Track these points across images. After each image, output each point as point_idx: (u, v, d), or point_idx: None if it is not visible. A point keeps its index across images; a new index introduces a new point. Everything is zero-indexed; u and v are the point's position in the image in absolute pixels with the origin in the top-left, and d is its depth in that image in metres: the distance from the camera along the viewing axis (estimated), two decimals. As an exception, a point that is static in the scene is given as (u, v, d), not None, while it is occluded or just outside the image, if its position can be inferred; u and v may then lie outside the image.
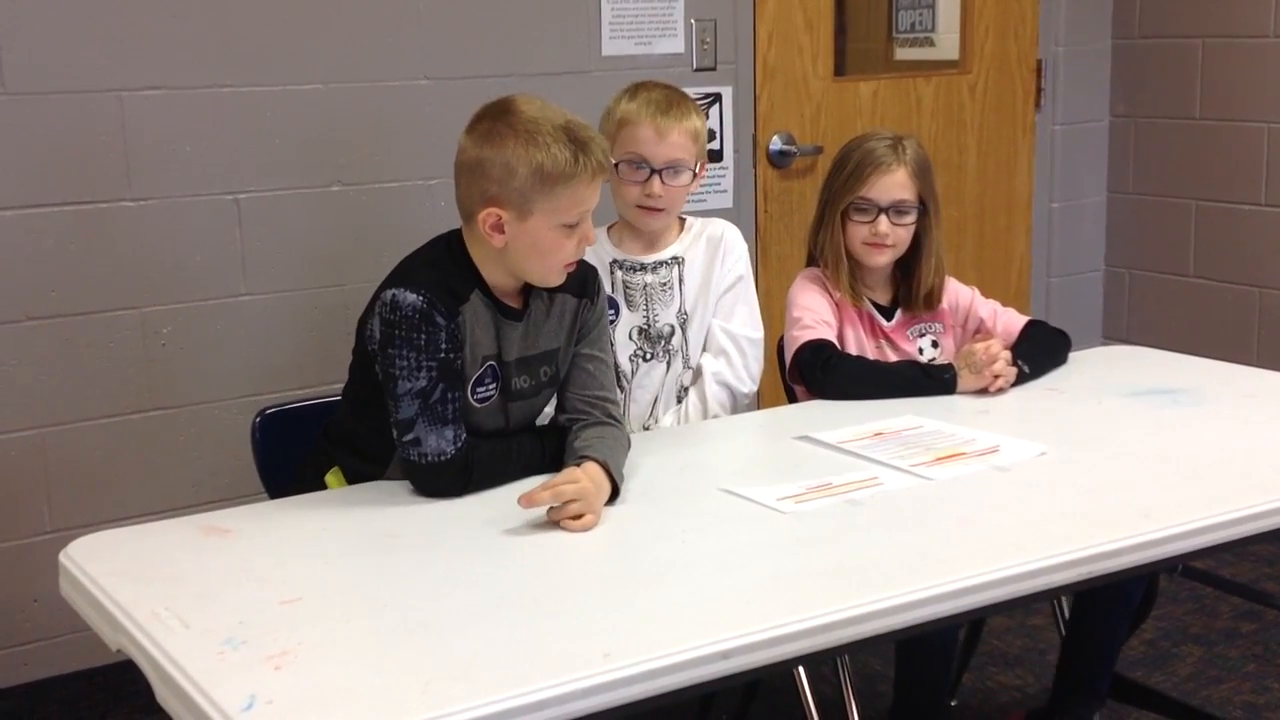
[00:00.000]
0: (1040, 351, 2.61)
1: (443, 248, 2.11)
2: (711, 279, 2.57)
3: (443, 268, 2.06)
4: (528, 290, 2.13)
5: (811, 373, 2.50)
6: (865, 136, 2.67)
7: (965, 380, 2.48)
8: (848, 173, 2.61)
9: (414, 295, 1.98)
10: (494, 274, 2.08)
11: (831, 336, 2.55)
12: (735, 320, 2.59)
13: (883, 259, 2.60)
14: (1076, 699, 2.63)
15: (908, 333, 2.66)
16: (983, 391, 2.46)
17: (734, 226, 2.63)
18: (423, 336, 1.98)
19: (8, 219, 2.79)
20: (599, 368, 2.20)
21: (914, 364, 2.57)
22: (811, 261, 2.69)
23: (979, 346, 2.49)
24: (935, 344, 2.67)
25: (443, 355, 1.99)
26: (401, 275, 2.04)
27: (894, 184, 2.58)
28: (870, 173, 2.58)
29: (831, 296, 2.62)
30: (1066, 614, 2.69)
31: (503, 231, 2.02)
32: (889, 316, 2.65)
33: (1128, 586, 2.52)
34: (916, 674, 2.50)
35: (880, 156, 2.59)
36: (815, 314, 2.58)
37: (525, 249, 2.03)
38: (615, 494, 1.96)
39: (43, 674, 2.95)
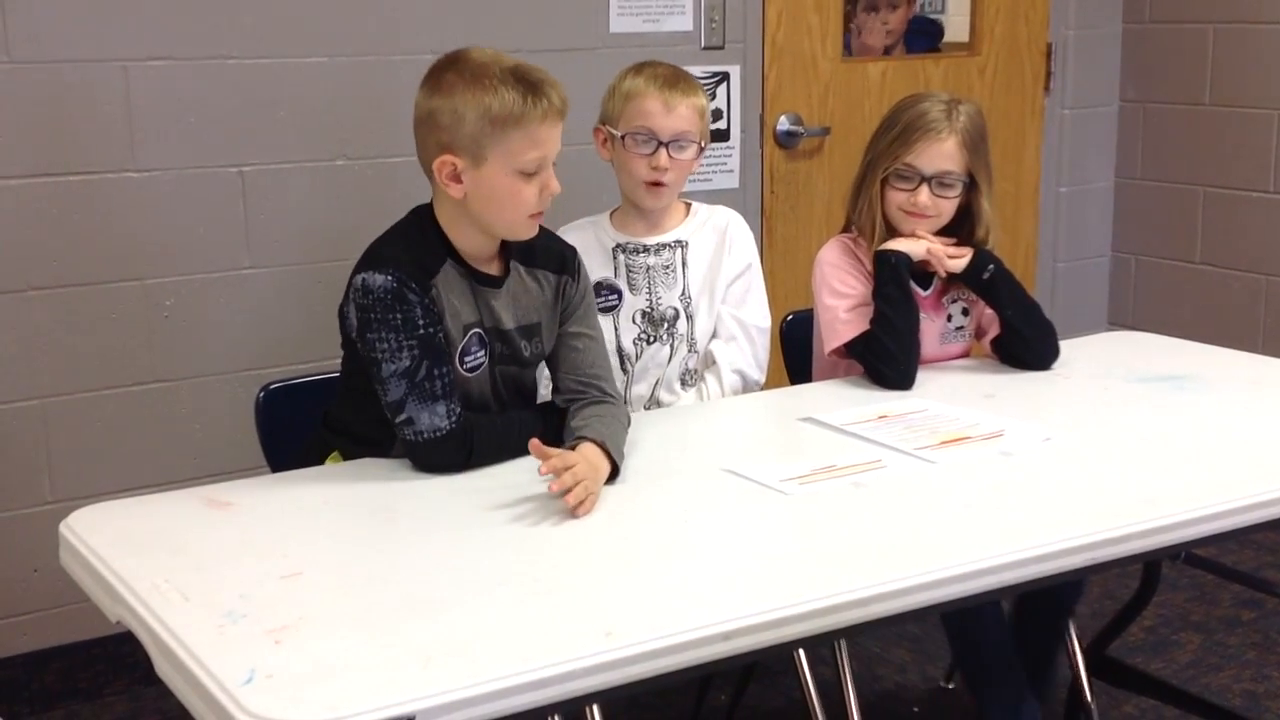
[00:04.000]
0: (1018, 288, 2.56)
1: (410, 221, 2.09)
2: (719, 268, 2.56)
3: (410, 242, 2.04)
4: (505, 259, 2.11)
5: (870, 368, 2.46)
6: (920, 96, 2.54)
7: (902, 243, 2.49)
8: (894, 134, 2.49)
9: (383, 276, 1.96)
10: (465, 238, 2.06)
11: (867, 320, 2.47)
12: (746, 309, 2.58)
13: (920, 230, 2.51)
14: None
15: (942, 300, 2.59)
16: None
17: (739, 215, 2.62)
18: (398, 316, 1.96)
19: (11, 188, 2.78)
20: (588, 345, 2.18)
21: (876, 296, 2.47)
22: (849, 224, 2.61)
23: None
24: (965, 311, 2.60)
25: (422, 332, 1.97)
26: (369, 258, 2.02)
27: (941, 154, 2.46)
28: (918, 138, 2.46)
29: (864, 266, 2.55)
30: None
31: (459, 181, 1.99)
32: (925, 284, 2.56)
33: (1062, 593, 2.51)
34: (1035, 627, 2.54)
35: (931, 121, 2.46)
36: (852, 298, 2.51)
37: (484, 199, 2.00)
38: (616, 473, 1.95)
39: (42, 644, 2.94)
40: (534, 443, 1.86)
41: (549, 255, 2.13)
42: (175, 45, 2.87)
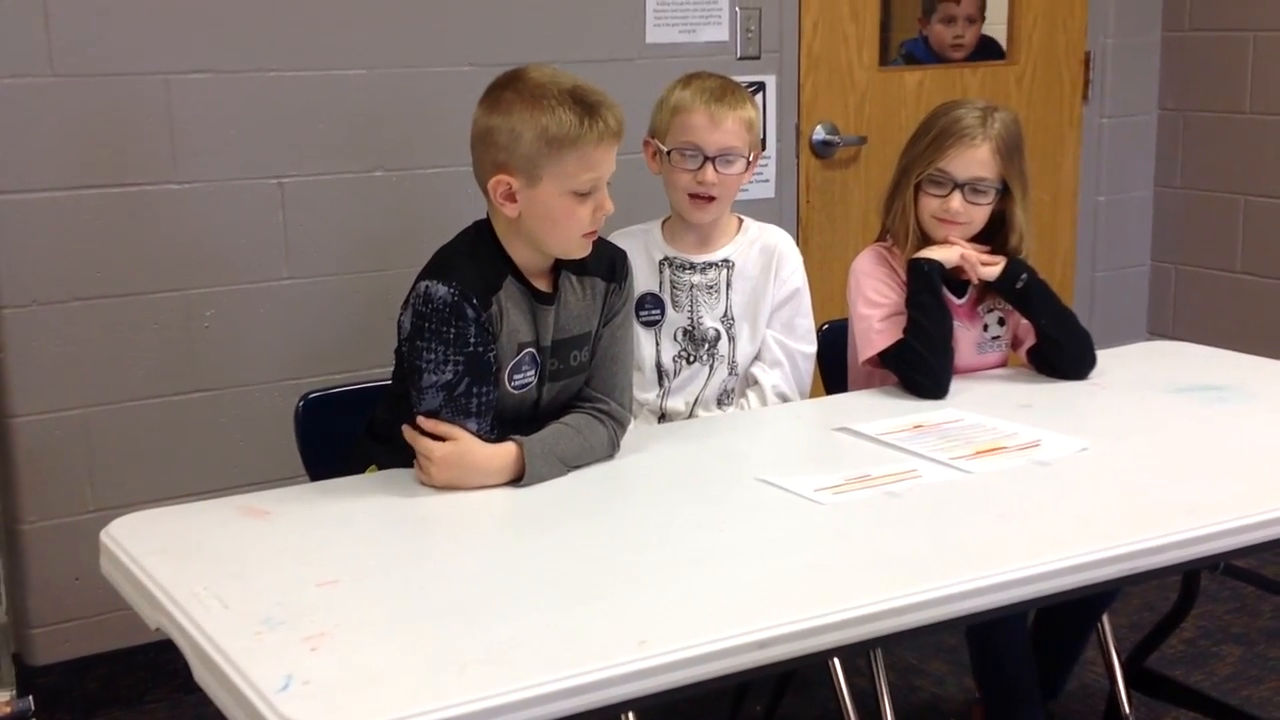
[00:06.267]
0: (1052, 298, 2.54)
1: (474, 235, 2.10)
2: (764, 291, 2.54)
3: (476, 256, 2.05)
4: (557, 272, 2.12)
5: (904, 376, 2.46)
6: (956, 103, 2.54)
7: (935, 251, 2.49)
8: (928, 140, 2.49)
9: (445, 288, 1.97)
10: (523, 254, 2.07)
11: (901, 329, 2.47)
12: (793, 334, 2.55)
13: (953, 236, 2.50)
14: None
15: (978, 309, 2.57)
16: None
17: (789, 236, 2.60)
18: (451, 330, 1.97)
19: (55, 200, 2.81)
20: (611, 356, 2.18)
21: (909, 304, 2.47)
22: (884, 233, 2.60)
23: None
24: (1002, 321, 2.59)
25: (471, 349, 1.98)
26: (435, 267, 2.04)
27: (974, 160, 2.45)
28: (951, 144, 2.46)
29: (898, 275, 2.54)
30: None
31: (514, 200, 2.01)
32: (960, 293, 2.56)
33: (1091, 597, 2.49)
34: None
35: (965, 127, 2.46)
36: (886, 308, 2.51)
37: (538, 218, 2.02)
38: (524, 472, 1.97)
39: (83, 651, 2.97)
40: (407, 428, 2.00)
41: (599, 261, 2.14)
42: (216, 58, 2.91)
